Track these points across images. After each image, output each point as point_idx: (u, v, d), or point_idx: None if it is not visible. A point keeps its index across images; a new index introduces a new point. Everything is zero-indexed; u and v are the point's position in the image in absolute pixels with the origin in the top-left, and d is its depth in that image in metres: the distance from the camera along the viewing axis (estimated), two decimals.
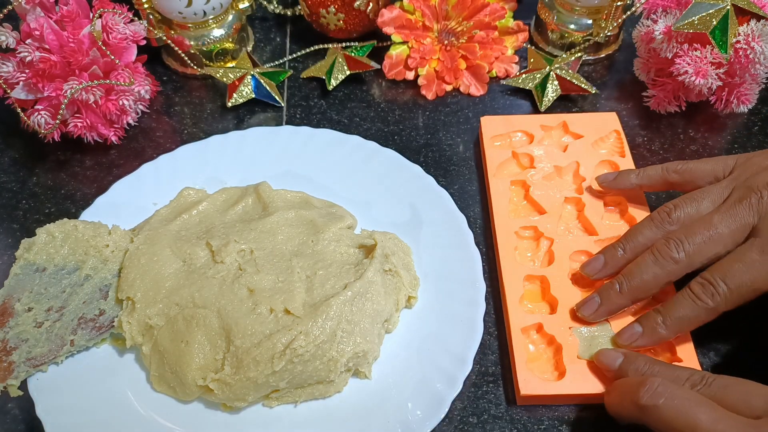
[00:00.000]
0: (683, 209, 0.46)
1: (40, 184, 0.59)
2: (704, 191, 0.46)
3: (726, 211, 0.44)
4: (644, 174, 0.51)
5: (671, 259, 0.44)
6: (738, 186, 0.45)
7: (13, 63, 0.54)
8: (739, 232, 0.43)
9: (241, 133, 0.58)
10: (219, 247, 0.47)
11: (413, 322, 0.48)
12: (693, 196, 0.46)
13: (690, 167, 0.49)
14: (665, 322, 0.43)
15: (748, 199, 0.43)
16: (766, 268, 0.41)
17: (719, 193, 0.46)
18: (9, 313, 0.44)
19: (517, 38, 0.66)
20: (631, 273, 0.45)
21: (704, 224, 0.44)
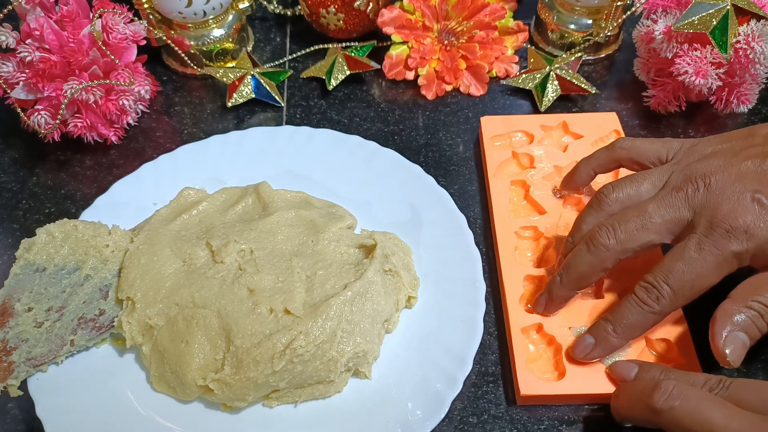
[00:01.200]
0: (622, 190, 0.45)
1: (40, 184, 0.59)
2: (645, 173, 0.45)
3: (661, 200, 0.43)
4: (593, 158, 0.50)
5: (603, 246, 0.43)
6: (676, 172, 0.44)
7: (13, 63, 0.54)
8: (673, 222, 0.42)
9: (241, 133, 0.58)
10: (219, 247, 0.47)
11: (413, 322, 0.48)
12: (634, 177, 0.46)
13: (636, 144, 0.48)
14: (615, 330, 0.43)
15: (684, 190, 0.42)
16: (703, 265, 0.40)
17: (659, 177, 0.45)
18: (9, 313, 0.44)
19: (517, 38, 0.66)
20: (568, 264, 0.45)
21: (638, 212, 0.43)
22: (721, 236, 0.40)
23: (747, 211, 0.40)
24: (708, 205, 0.41)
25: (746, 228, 0.40)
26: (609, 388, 0.43)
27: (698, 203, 0.42)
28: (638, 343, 0.45)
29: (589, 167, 0.51)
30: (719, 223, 0.40)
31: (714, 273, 0.41)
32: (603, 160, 0.50)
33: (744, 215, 0.40)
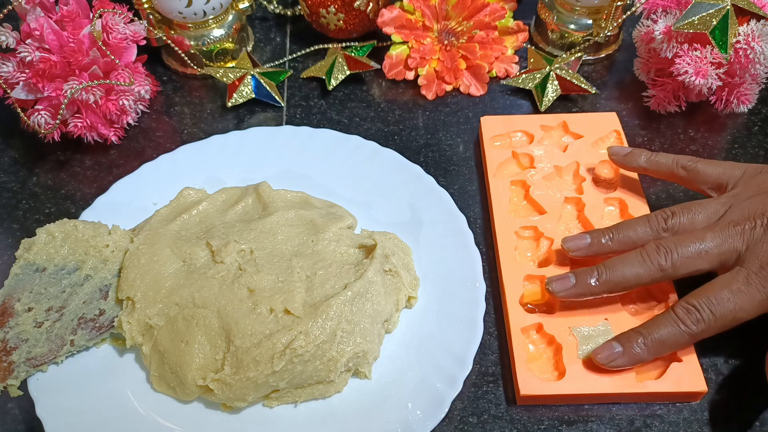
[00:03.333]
0: (679, 218, 0.46)
1: (40, 184, 0.59)
2: (702, 204, 0.46)
3: (719, 231, 0.44)
4: (654, 159, 0.51)
5: (657, 265, 0.44)
6: (735, 205, 0.45)
7: (13, 63, 0.54)
8: (726, 254, 0.43)
9: (241, 133, 0.58)
10: (219, 247, 0.47)
11: (413, 322, 0.48)
12: (690, 207, 0.46)
13: (698, 167, 0.49)
14: (645, 343, 0.43)
15: (742, 225, 0.43)
16: (748, 299, 0.42)
17: (716, 210, 0.46)
18: (9, 313, 0.44)
19: (517, 38, 0.66)
20: (613, 265, 0.45)
21: (696, 238, 0.44)
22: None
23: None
24: (762, 243, 0.42)
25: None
26: (609, 388, 0.43)
27: (752, 240, 0.43)
28: None
29: (645, 164, 0.51)
30: (762, 259, 0.42)
31: (756, 309, 0.42)
32: (663, 170, 0.51)
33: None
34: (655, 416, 0.44)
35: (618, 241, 0.47)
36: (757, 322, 0.48)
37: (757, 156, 0.59)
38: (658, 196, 0.56)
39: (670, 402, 0.45)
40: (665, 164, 0.51)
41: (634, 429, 0.44)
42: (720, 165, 0.49)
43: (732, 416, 0.44)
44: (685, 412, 0.45)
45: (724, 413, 0.44)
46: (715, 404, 0.45)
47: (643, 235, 0.46)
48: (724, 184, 0.48)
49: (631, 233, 0.47)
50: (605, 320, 0.46)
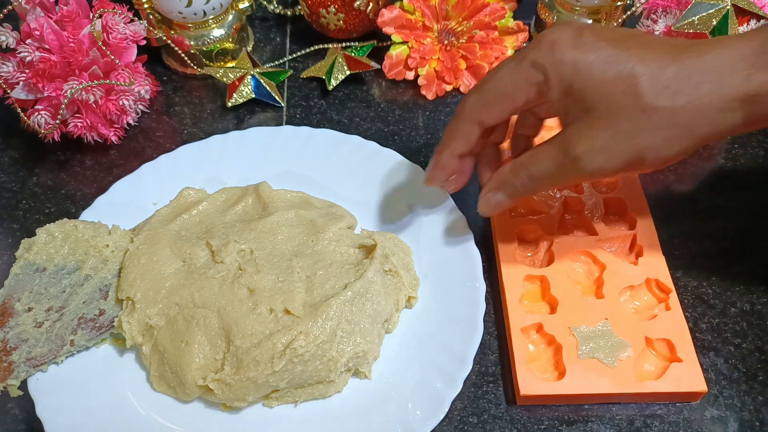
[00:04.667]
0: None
1: (40, 184, 0.59)
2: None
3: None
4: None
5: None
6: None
7: (13, 63, 0.54)
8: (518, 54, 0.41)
9: (241, 133, 0.58)
10: (219, 247, 0.47)
11: (413, 322, 0.48)
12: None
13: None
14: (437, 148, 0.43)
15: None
16: (506, 69, 0.40)
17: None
18: (9, 313, 0.44)
19: (517, 38, 0.66)
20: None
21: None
22: (530, 46, 0.39)
23: (561, 32, 0.38)
24: (541, 34, 0.40)
25: (552, 41, 0.38)
26: (609, 388, 0.43)
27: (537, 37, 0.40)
28: (638, 343, 0.45)
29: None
30: (534, 41, 0.39)
31: (511, 78, 0.39)
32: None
33: (557, 33, 0.38)
34: (655, 416, 0.44)
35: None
36: (757, 323, 0.48)
37: (757, 156, 0.59)
38: (658, 196, 0.56)
39: (670, 402, 0.45)
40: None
41: (634, 429, 0.44)
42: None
43: (732, 416, 0.44)
44: (685, 412, 0.45)
45: (724, 413, 0.45)
46: (715, 404, 0.45)
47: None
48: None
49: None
50: (605, 320, 0.46)
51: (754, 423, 0.44)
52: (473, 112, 0.41)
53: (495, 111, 0.41)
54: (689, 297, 0.50)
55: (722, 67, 0.35)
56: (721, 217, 0.55)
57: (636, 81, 0.36)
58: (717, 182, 0.57)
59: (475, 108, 0.40)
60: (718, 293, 0.50)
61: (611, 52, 0.37)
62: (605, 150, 0.38)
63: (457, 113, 0.42)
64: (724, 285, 0.51)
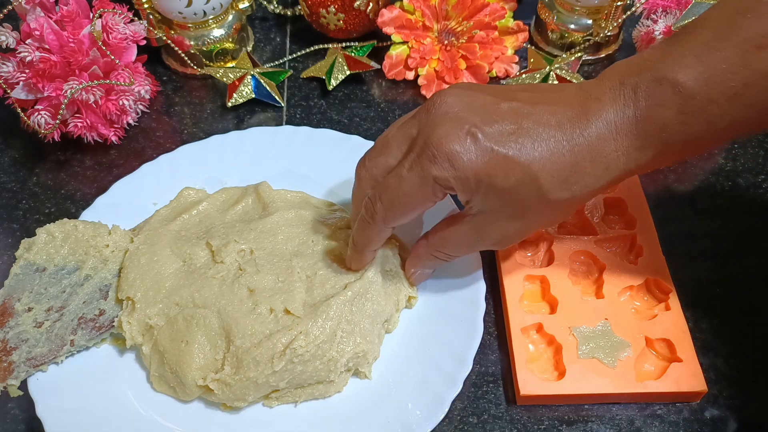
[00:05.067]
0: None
1: (40, 184, 0.59)
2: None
3: (400, 125, 0.42)
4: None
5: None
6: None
7: (13, 63, 0.54)
8: (404, 141, 0.41)
9: (241, 133, 0.58)
10: (219, 247, 0.47)
11: (413, 322, 0.48)
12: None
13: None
14: (354, 245, 0.45)
15: (419, 113, 0.41)
16: (410, 185, 0.39)
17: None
18: (9, 313, 0.44)
19: (517, 38, 0.66)
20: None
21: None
22: (428, 159, 0.38)
23: (457, 141, 0.38)
24: (428, 126, 0.39)
25: (450, 156, 0.38)
26: (609, 388, 0.43)
27: (422, 123, 0.40)
28: (638, 343, 0.45)
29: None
30: (429, 147, 0.38)
31: (419, 193, 0.40)
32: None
33: (453, 143, 0.38)
34: (655, 416, 0.44)
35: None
36: (757, 323, 0.48)
37: (757, 156, 0.59)
38: (658, 196, 0.56)
39: (670, 402, 0.45)
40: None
41: (634, 429, 0.44)
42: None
43: (732, 416, 0.44)
44: (685, 412, 0.45)
45: (724, 413, 0.45)
46: (715, 404, 0.45)
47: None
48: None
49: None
50: (605, 320, 0.46)
51: (754, 423, 0.44)
52: (384, 221, 0.42)
53: (404, 220, 0.43)
54: (689, 297, 0.50)
55: (607, 153, 0.38)
56: (721, 217, 0.55)
57: (537, 183, 0.39)
58: (717, 182, 0.57)
59: (386, 218, 0.42)
60: (718, 293, 0.50)
61: (509, 159, 0.38)
62: (518, 234, 0.44)
63: (368, 219, 0.43)
64: (724, 285, 0.51)
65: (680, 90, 0.36)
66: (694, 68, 0.36)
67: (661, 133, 0.37)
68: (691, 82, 0.36)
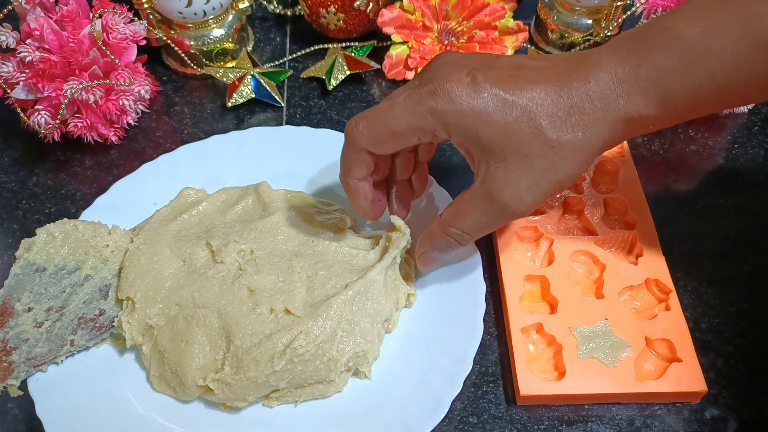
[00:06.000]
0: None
1: (40, 184, 0.59)
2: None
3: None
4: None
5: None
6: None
7: (13, 63, 0.54)
8: (408, 88, 0.42)
9: (241, 133, 0.58)
10: (219, 247, 0.47)
11: (413, 322, 0.48)
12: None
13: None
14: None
15: (421, 71, 0.42)
16: (401, 109, 0.40)
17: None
18: (9, 313, 0.44)
19: (517, 38, 0.66)
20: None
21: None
22: (427, 91, 0.39)
23: (458, 79, 0.39)
24: (429, 70, 0.41)
25: (450, 90, 0.39)
26: (609, 388, 0.43)
27: (424, 72, 0.42)
28: (638, 343, 0.45)
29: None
30: (430, 81, 0.39)
31: (407, 119, 0.40)
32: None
33: (454, 81, 0.39)
34: (655, 416, 0.44)
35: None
36: (757, 323, 0.48)
37: (757, 156, 0.59)
38: (658, 196, 0.56)
39: (670, 402, 0.45)
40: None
41: (634, 429, 0.44)
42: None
43: (732, 416, 0.44)
44: (685, 412, 0.45)
45: (724, 413, 0.45)
46: (715, 404, 0.45)
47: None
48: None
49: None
50: (605, 320, 0.46)
51: (754, 423, 0.44)
52: (363, 142, 0.42)
53: (385, 146, 0.42)
54: (689, 297, 0.50)
55: (606, 95, 0.38)
56: (721, 217, 0.55)
57: (536, 122, 0.38)
58: (717, 182, 0.57)
59: (364, 139, 0.41)
60: (718, 293, 0.50)
61: (507, 96, 0.38)
62: (530, 191, 0.40)
63: (348, 139, 0.42)
64: (724, 285, 0.51)
65: (681, 39, 0.37)
66: (696, 21, 0.37)
67: (661, 80, 0.37)
68: (691, 31, 0.37)
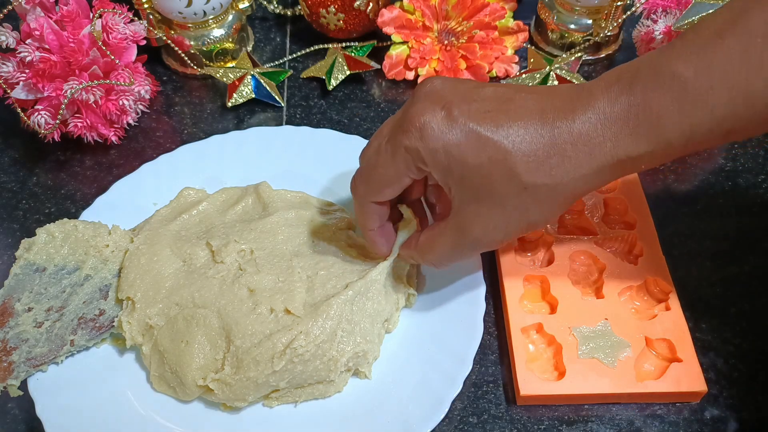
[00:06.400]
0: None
1: (40, 184, 0.59)
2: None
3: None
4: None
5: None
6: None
7: (13, 63, 0.54)
8: (385, 128, 0.42)
9: (241, 133, 0.58)
10: (219, 247, 0.47)
11: (413, 322, 0.48)
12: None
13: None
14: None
15: (398, 113, 0.42)
16: (385, 157, 0.40)
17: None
18: (9, 313, 0.44)
19: (517, 38, 0.66)
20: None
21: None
22: (401, 131, 0.39)
23: (431, 114, 0.38)
24: (409, 104, 0.40)
25: (421, 127, 0.38)
26: (609, 388, 0.43)
27: (407, 104, 0.40)
28: (638, 343, 0.45)
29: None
30: (404, 121, 0.39)
31: (392, 166, 0.40)
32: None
33: (426, 116, 0.38)
34: (655, 416, 0.44)
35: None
36: (757, 323, 0.48)
37: (757, 156, 0.59)
38: (658, 196, 0.56)
39: (670, 402, 0.45)
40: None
41: (634, 429, 0.44)
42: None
43: (732, 416, 0.44)
44: (685, 412, 0.45)
45: (724, 413, 0.45)
46: (715, 404, 0.45)
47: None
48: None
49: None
50: (605, 320, 0.46)
51: (754, 423, 0.44)
52: (365, 197, 0.42)
53: (386, 194, 0.42)
54: (689, 297, 0.50)
55: (592, 137, 0.36)
56: (721, 217, 0.55)
57: (511, 164, 0.37)
58: (717, 182, 0.57)
59: (366, 196, 0.42)
60: (718, 293, 0.50)
61: (482, 132, 0.37)
62: (499, 228, 0.39)
63: (353, 196, 0.43)
64: (724, 285, 0.51)
65: (679, 79, 0.35)
66: (695, 60, 0.35)
67: (657, 120, 0.35)
68: (691, 72, 0.35)
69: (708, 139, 0.36)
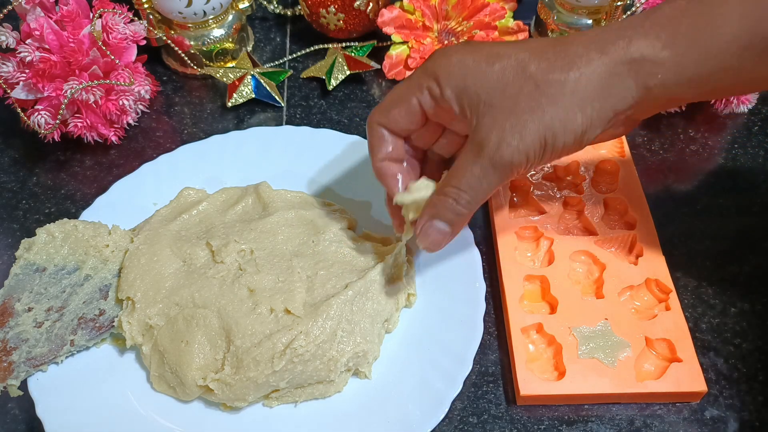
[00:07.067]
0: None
1: (40, 184, 0.59)
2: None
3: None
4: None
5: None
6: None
7: (13, 63, 0.54)
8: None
9: (241, 133, 0.58)
10: (219, 247, 0.47)
11: (413, 322, 0.48)
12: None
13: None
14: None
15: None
16: (402, 84, 0.42)
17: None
18: (9, 313, 0.44)
19: (517, 38, 0.66)
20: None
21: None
22: (421, 67, 0.41)
23: (446, 49, 0.41)
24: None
25: (443, 50, 0.41)
26: (609, 388, 0.43)
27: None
28: (638, 343, 0.45)
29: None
30: (425, 62, 0.42)
31: (405, 82, 0.42)
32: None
33: (441, 50, 0.41)
34: (655, 416, 0.44)
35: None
36: (757, 323, 0.48)
37: (757, 156, 0.59)
38: (658, 196, 0.56)
39: (670, 402, 0.45)
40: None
41: (634, 429, 0.44)
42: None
43: (732, 416, 0.44)
44: (685, 412, 0.45)
45: (724, 413, 0.45)
46: (715, 404, 0.45)
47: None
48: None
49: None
50: (605, 320, 0.46)
51: (754, 423, 0.44)
52: (375, 117, 0.43)
53: (394, 117, 0.43)
54: (689, 297, 0.50)
55: (604, 38, 0.37)
56: (721, 217, 0.55)
57: (523, 65, 0.38)
58: (717, 182, 0.57)
59: (376, 114, 0.43)
60: (718, 293, 0.50)
61: (496, 50, 0.39)
62: (514, 133, 0.37)
63: (367, 124, 0.45)
64: (724, 285, 0.51)
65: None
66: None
67: (669, 23, 0.36)
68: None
69: (724, 58, 0.36)
